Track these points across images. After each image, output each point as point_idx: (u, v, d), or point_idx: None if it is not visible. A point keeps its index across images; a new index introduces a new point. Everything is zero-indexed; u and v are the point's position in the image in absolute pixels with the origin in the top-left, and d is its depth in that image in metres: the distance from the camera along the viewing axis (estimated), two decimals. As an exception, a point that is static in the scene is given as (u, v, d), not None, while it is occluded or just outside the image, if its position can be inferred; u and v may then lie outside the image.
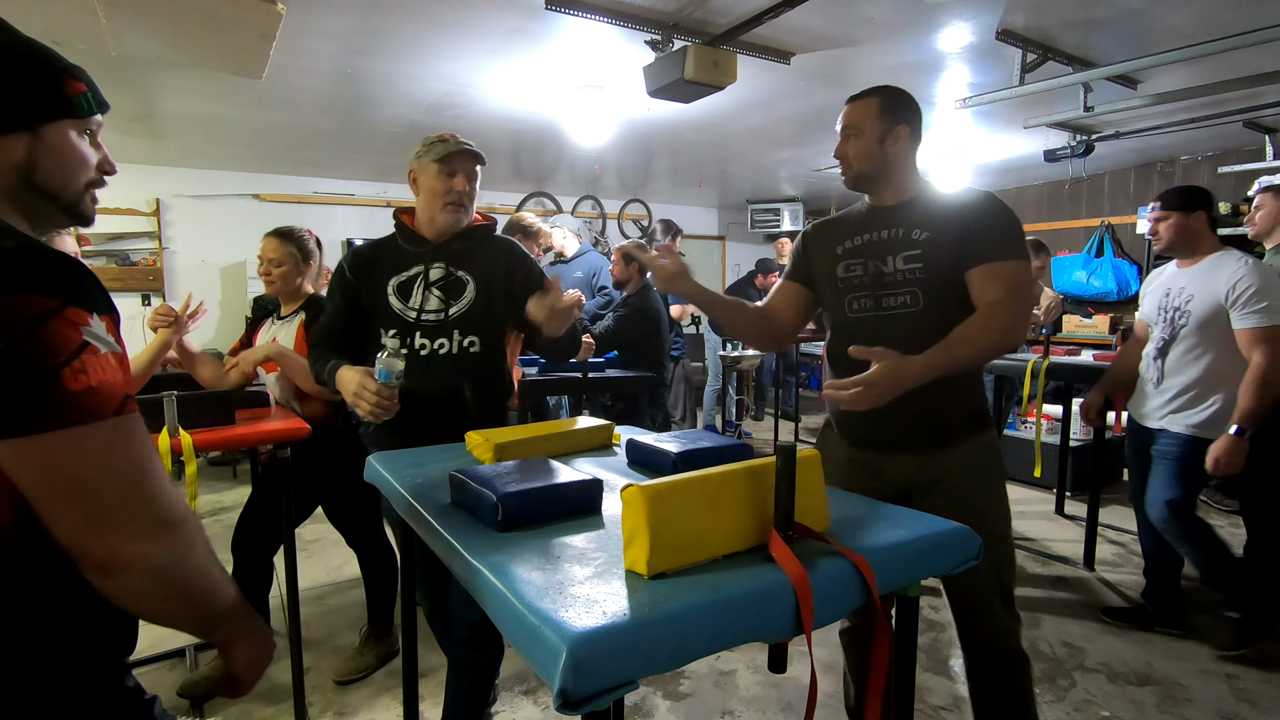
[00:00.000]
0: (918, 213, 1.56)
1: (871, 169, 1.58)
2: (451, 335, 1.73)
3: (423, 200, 1.76)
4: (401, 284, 1.75)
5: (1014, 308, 1.44)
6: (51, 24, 2.46)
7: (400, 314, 1.73)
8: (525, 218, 3.28)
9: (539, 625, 0.73)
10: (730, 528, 0.90)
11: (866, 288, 1.59)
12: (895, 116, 1.56)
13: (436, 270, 1.76)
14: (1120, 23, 2.87)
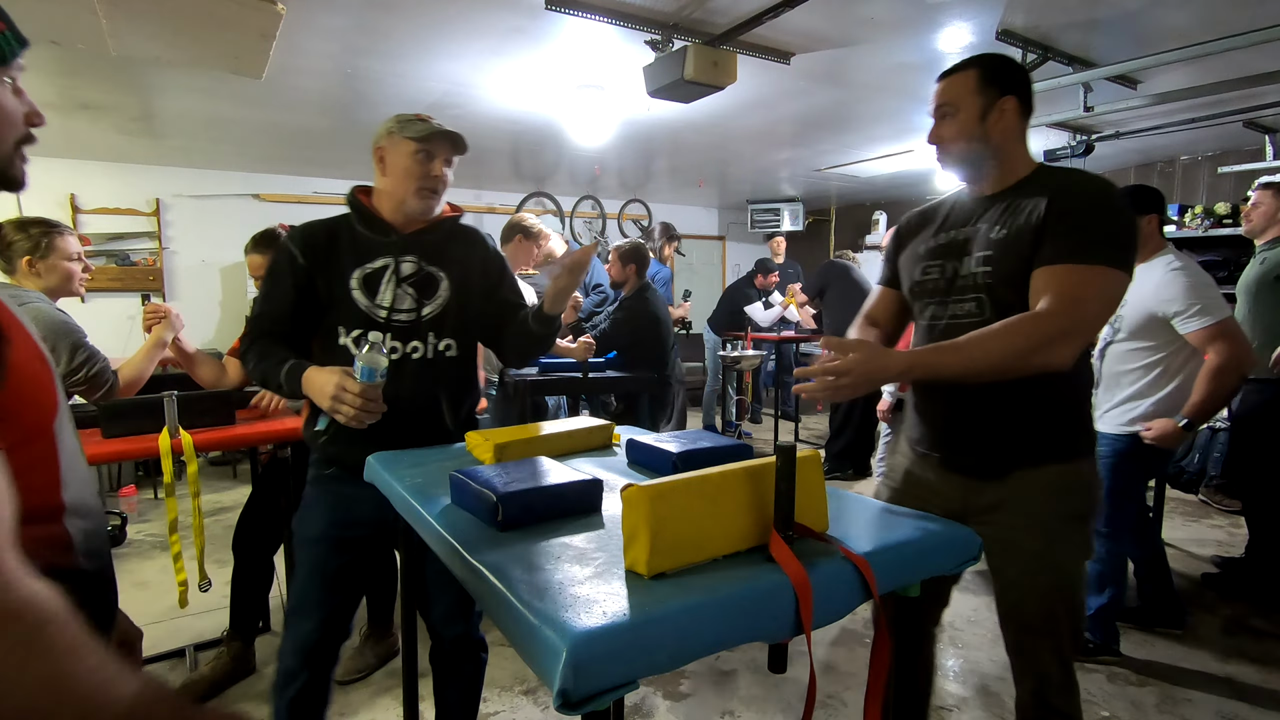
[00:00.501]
0: (1010, 203, 1.34)
1: (973, 151, 1.36)
2: (426, 338, 1.54)
3: (390, 182, 1.54)
4: (368, 276, 1.52)
5: (1055, 322, 1.18)
6: (51, 23, 2.46)
7: (367, 311, 1.51)
8: (525, 219, 3.28)
9: (539, 625, 0.73)
10: (730, 528, 0.89)
11: (940, 293, 1.41)
12: (1000, 87, 1.34)
13: (408, 264, 1.55)
14: (1120, 23, 2.87)
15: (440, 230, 1.61)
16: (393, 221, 1.56)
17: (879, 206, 7.64)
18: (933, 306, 1.42)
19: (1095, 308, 1.21)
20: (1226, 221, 5.00)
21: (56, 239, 2.09)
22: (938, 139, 1.40)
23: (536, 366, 3.29)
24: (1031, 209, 1.28)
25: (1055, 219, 1.25)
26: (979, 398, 1.34)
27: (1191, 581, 3.10)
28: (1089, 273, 1.20)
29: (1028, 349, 1.19)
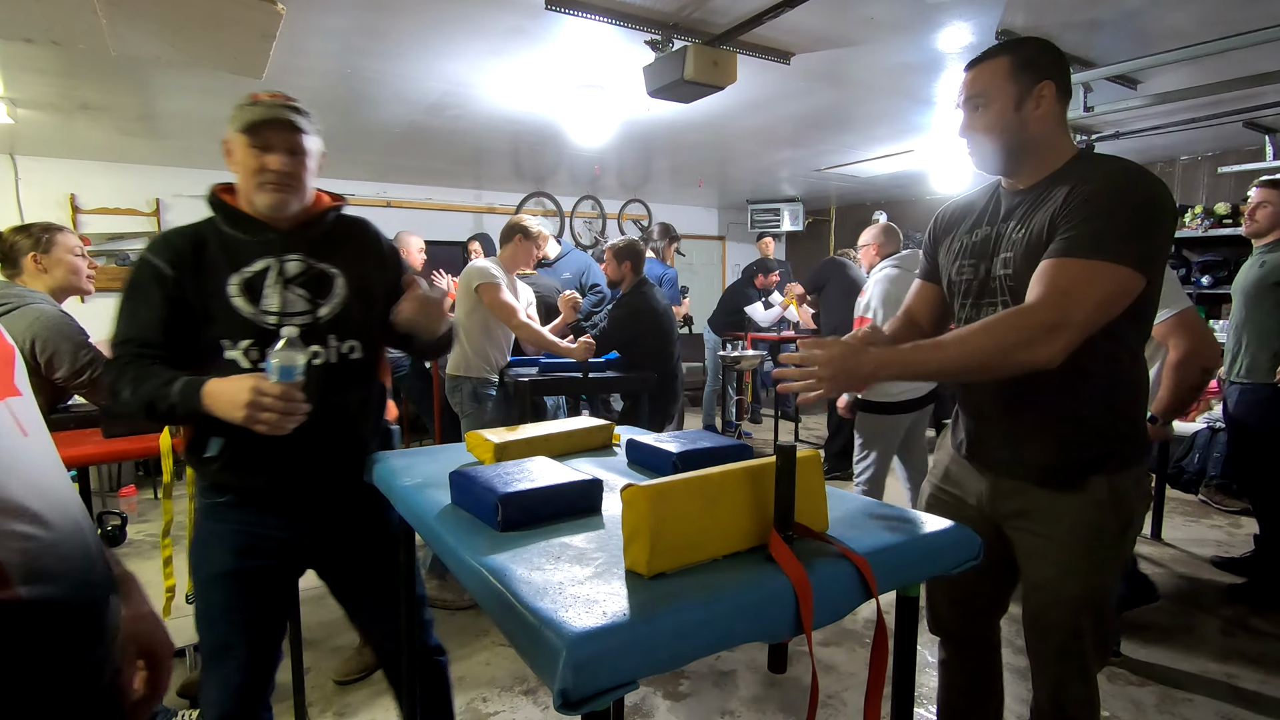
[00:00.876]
0: (1038, 198, 1.26)
1: (1009, 143, 1.26)
2: (326, 341, 1.39)
3: (239, 179, 1.38)
4: (248, 281, 1.36)
5: (1039, 316, 1.12)
6: (51, 23, 2.46)
7: (254, 319, 1.34)
8: (525, 219, 3.27)
9: (539, 625, 0.73)
10: (730, 528, 0.89)
11: (972, 294, 1.35)
12: (1035, 72, 1.24)
13: (293, 263, 1.39)
14: (1120, 23, 2.87)
15: (324, 224, 1.46)
16: (265, 219, 1.39)
17: (879, 206, 7.64)
18: (966, 308, 1.37)
19: (1086, 304, 1.11)
20: (1226, 221, 5.01)
21: (57, 234, 2.12)
22: (969, 131, 1.31)
23: (536, 366, 3.29)
24: (1051, 204, 1.21)
25: (1064, 212, 1.18)
26: (1014, 403, 1.30)
27: (1192, 581, 3.10)
28: (1084, 267, 1.13)
29: (1008, 345, 1.12)
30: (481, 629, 2.65)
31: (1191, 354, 2.03)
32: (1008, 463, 1.35)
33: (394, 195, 6.38)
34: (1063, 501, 1.28)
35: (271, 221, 1.39)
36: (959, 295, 1.39)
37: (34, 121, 4.09)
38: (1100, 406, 1.26)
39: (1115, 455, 1.27)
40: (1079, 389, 1.24)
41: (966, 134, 1.32)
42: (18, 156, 4.99)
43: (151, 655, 0.81)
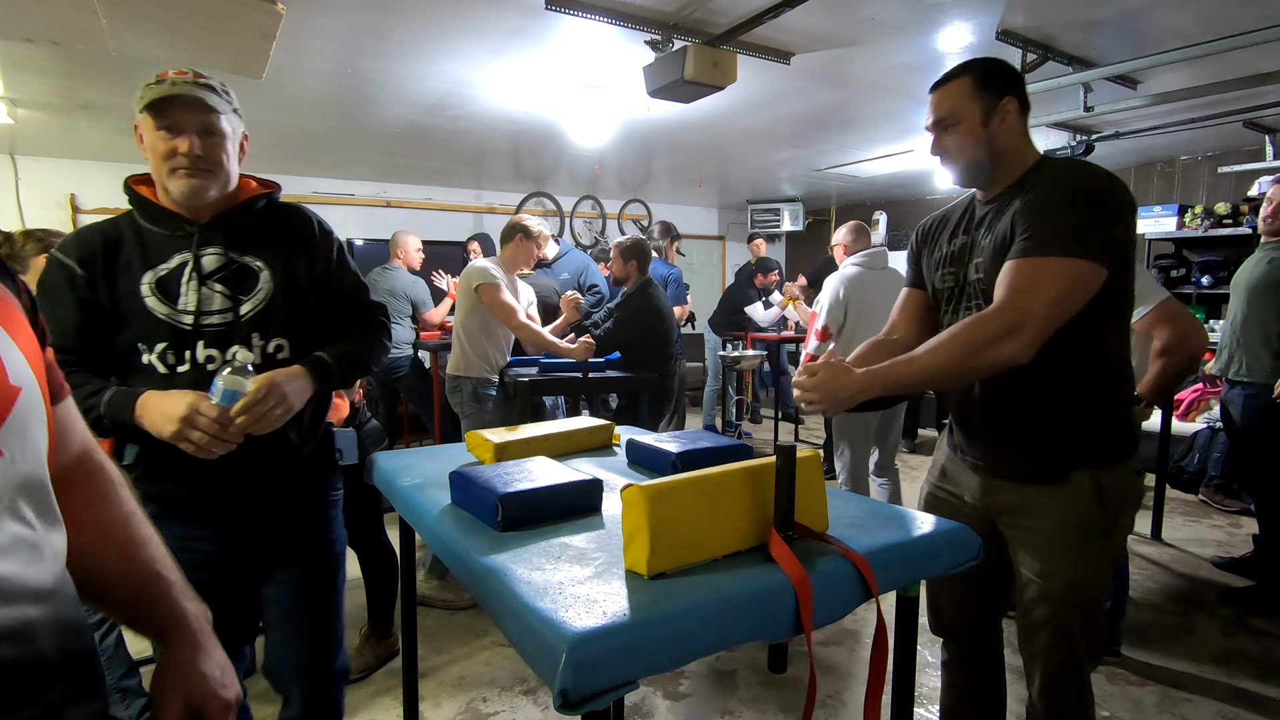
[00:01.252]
0: (1005, 204, 1.33)
1: (981, 158, 1.34)
2: (250, 341, 1.28)
3: (151, 165, 1.27)
4: (162, 280, 1.26)
5: (1000, 318, 1.18)
6: (51, 24, 2.46)
7: (170, 320, 1.24)
8: (526, 219, 3.27)
9: (539, 625, 0.73)
10: (730, 528, 0.89)
11: (955, 300, 1.42)
12: (997, 89, 1.32)
13: (212, 257, 1.28)
14: (1120, 23, 2.87)
15: (251, 213, 1.34)
16: (182, 211, 1.29)
17: (879, 206, 7.64)
18: (949, 313, 1.43)
19: (1042, 300, 1.17)
20: (1226, 221, 5.01)
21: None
22: (942, 151, 1.38)
23: (536, 366, 3.29)
24: (1013, 210, 1.28)
25: (1020, 216, 1.25)
26: (994, 401, 1.34)
27: (1192, 581, 3.10)
28: (1037, 265, 1.19)
29: (975, 348, 1.18)
30: (481, 629, 2.65)
31: (1178, 340, 2.04)
32: (994, 460, 1.38)
33: (394, 195, 6.37)
34: (1047, 496, 1.31)
35: (189, 213, 1.28)
36: (944, 302, 1.45)
37: (34, 121, 4.09)
38: (1080, 401, 1.29)
39: (1098, 449, 1.29)
40: (1057, 385, 1.28)
41: (940, 153, 1.39)
42: (18, 156, 4.99)
43: (200, 713, 0.70)
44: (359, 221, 6.19)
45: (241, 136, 1.33)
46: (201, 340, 1.26)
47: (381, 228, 6.23)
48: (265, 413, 1.18)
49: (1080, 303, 1.19)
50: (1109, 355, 1.32)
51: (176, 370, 1.24)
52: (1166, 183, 5.75)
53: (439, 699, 2.21)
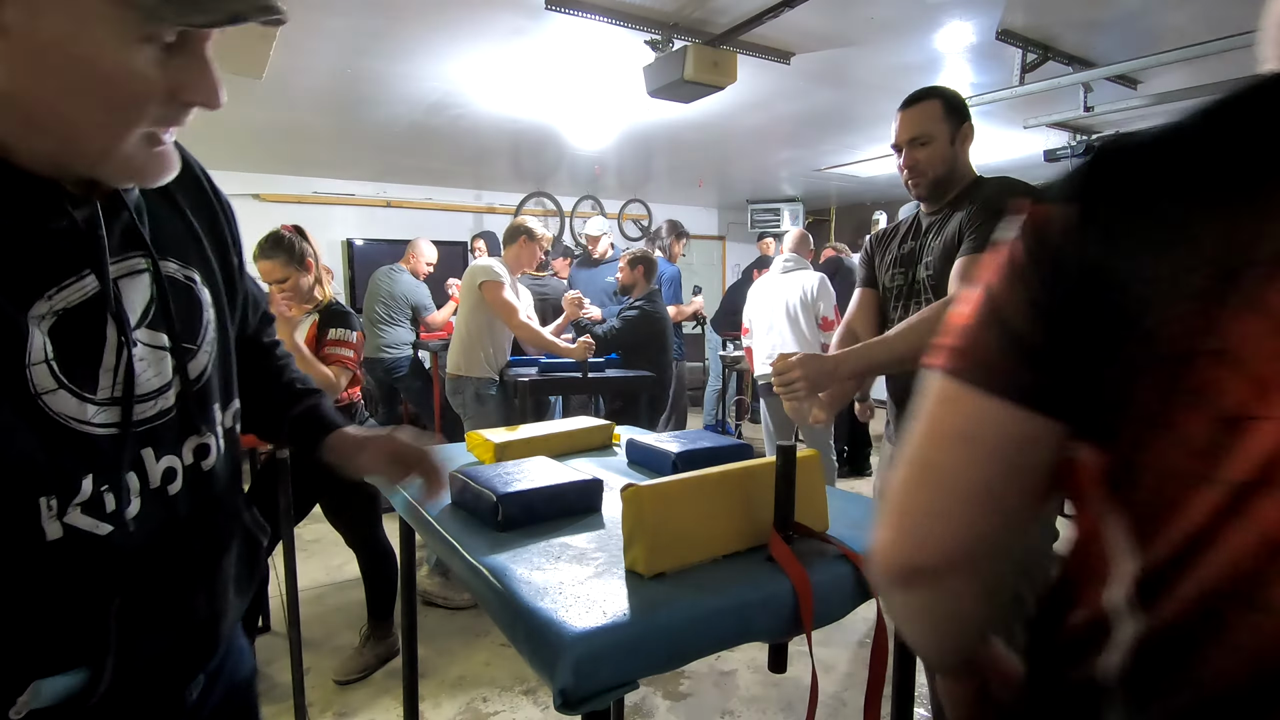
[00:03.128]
0: (949, 215, 1.53)
1: (946, 173, 1.53)
2: (211, 421, 0.70)
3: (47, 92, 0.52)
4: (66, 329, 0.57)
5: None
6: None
7: (92, 427, 0.59)
8: (529, 221, 3.27)
9: (539, 625, 0.73)
10: (730, 528, 0.89)
11: (904, 296, 1.59)
12: (960, 115, 1.53)
13: (135, 274, 0.64)
14: (1120, 23, 2.87)
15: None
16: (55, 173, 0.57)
17: (879, 206, 7.64)
18: (900, 308, 1.60)
19: None
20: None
21: None
22: (913, 164, 1.52)
23: (536, 366, 3.29)
24: (960, 218, 1.47)
25: (968, 220, 1.43)
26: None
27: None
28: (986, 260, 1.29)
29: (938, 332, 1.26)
30: (481, 629, 2.65)
31: None
32: None
33: (394, 195, 6.37)
34: None
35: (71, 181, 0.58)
36: (893, 298, 1.63)
37: (34, 121, 4.09)
38: None
39: None
40: None
41: (910, 166, 1.53)
42: (18, 156, 4.99)
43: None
44: (359, 221, 6.18)
45: None
46: (150, 444, 0.64)
47: (381, 228, 6.22)
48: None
49: None
50: None
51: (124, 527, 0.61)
52: (1166, 183, 5.75)
53: (439, 699, 2.21)
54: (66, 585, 0.58)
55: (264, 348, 0.94)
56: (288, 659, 2.07)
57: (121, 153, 0.55)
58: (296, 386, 0.94)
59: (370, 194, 6.27)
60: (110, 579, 0.60)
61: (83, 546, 0.58)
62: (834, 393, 1.54)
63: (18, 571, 0.55)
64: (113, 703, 0.61)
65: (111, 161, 0.56)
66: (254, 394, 0.86)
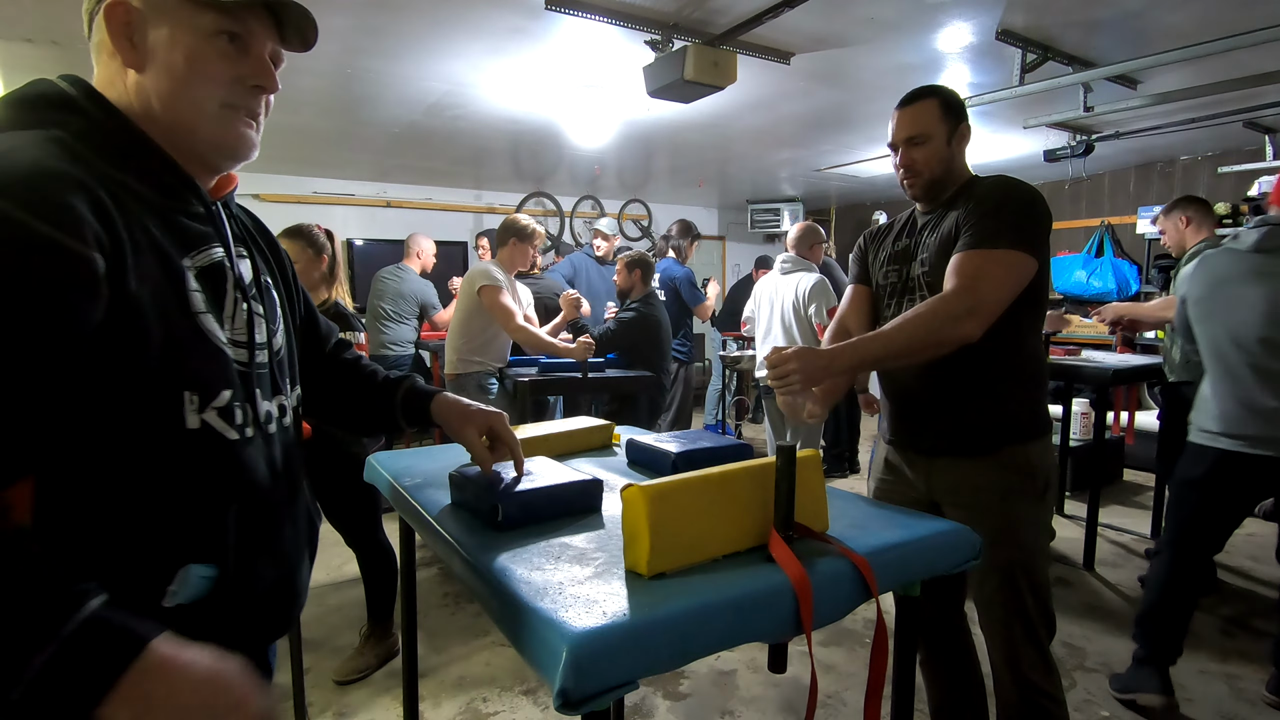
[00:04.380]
0: (944, 211, 1.52)
1: (942, 173, 1.51)
2: (284, 392, 0.87)
3: (163, 84, 0.73)
4: (206, 274, 0.77)
5: (958, 300, 1.32)
6: (51, 24, 2.46)
7: (228, 350, 0.77)
8: (519, 219, 3.26)
9: (539, 625, 0.73)
10: (730, 528, 0.89)
11: (898, 292, 1.58)
12: (957, 115, 1.51)
13: (241, 258, 0.84)
14: (1120, 23, 2.87)
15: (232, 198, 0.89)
16: (198, 175, 0.79)
17: (879, 206, 7.64)
18: (893, 306, 1.59)
19: (992, 284, 1.34)
20: (1227, 221, 5.00)
21: None
22: (910, 164, 1.50)
23: (536, 366, 3.29)
24: (954, 215, 1.46)
25: (965, 217, 1.42)
26: (932, 382, 1.47)
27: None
28: (985, 255, 1.36)
29: (936, 326, 1.32)
30: (481, 629, 2.65)
31: None
32: (930, 438, 1.52)
33: (394, 195, 6.37)
34: (981, 469, 1.46)
35: (196, 172, 0.79)
36: (886, 295, 1.62)
37: (34, 121, 4.09)
38: (1007, 382, 1.47)
39: (1023, 425, 1.48)
40: (988, 366, 1.44)
41: (907, 165, 1.51)
42: (18, 156, 4.99)
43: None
44: (359, 221, 6.19)
45: None
46: (260, 387, 0.81)
47: (381, 228, 6.22)
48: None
49: (1019, 289, 1.37)
50: (1028, 344, 1.50)
51: (245, 436, 0.77)
52: (1166, 183, 5.75)
53: (439, 699, 2.21)
54: (198, 478, 0.72)
55: (350, 362, 1.12)
56: (287, 659, 2.07)
57: (213, 126, 0.76)
58: (392, 378, 1.11)
59: (370, 194, 6.27)
60: (230, 484, 0.75)
61: (213, 444, 0.73)
62: (828, 387, 1.52)
63: (162, 451, 0.70)
64: (230, 619, 0.74)
65: (209, 134, 0.76)
66: (358, 398, 1.09)
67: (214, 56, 0.74)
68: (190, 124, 0.75)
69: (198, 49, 0.73)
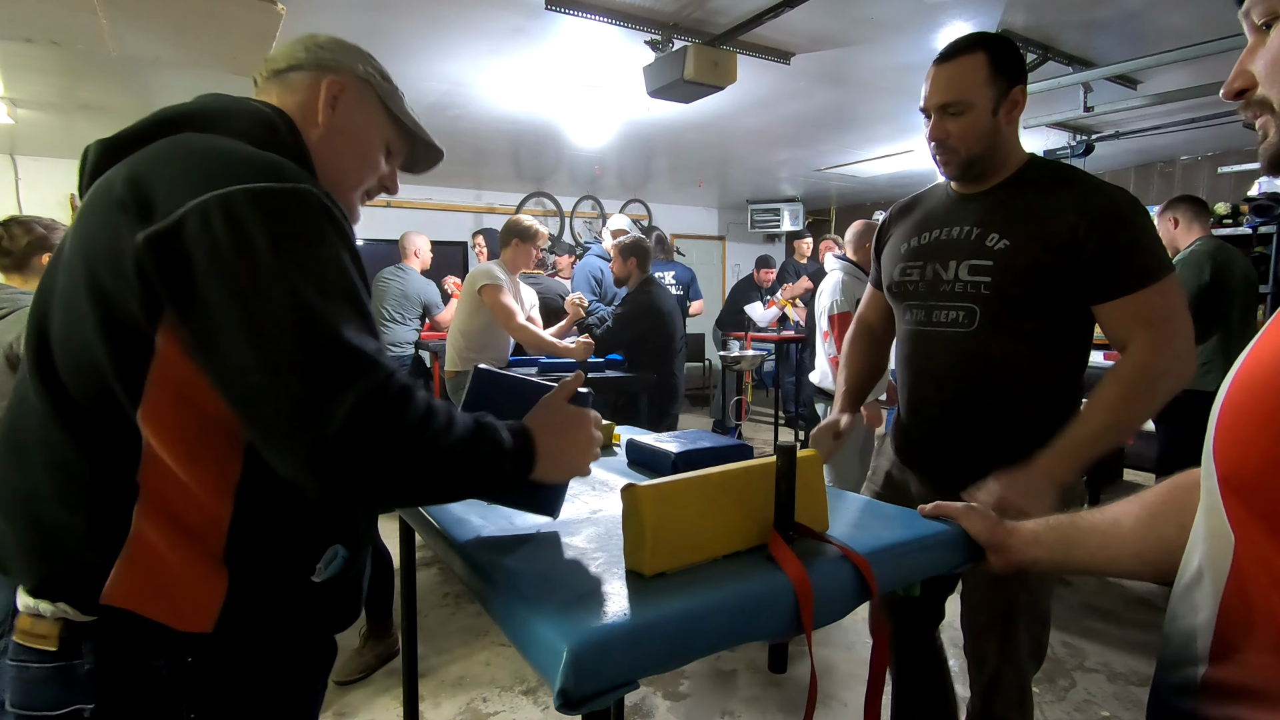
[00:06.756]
0: (1006, 207, 1.25)
1: (984, 150, 1.23)
2: None
3: (336, 143, 0.90)
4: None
5: (1172, 350, 1.15)
6: (51, 24, 2.46)
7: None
8: (521, 220, 3.25)
9: (539, 625, 0.73)
10: (731, 528, 0.89)
11: (920, 296, 1.34)
12: (1011, 75, 1.21)
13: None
14: (1120, 23, 2.88)
15: None
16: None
17: (879, 206, 7.64)
18: (914, 310, 1.36)
19: (1184, 321, 1.18)
20: (1226, 222, 5.00)
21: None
22: (943, 137, 1.23)
23: (536, 366, 3.29)
24: (1043, 222, 1.20)
25: (1095, 243, 1.16)
26: (955, 406, 1.30)
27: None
28: (1158, 292, 1.16)
29: (1165, 389, 1.16)
30: (482, 629, 2.65)
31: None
32: (947, 463, 1.34)
33: (394, 195, 6.37)
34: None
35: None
36: (905, 298, 1.37)
37: (34, 121, 4.09)
38: (1036, 404, 1.26)
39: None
40: (1018, 389, 1.25)
41: (940, 139, 1.25)
42: (18, 156, 4.99)
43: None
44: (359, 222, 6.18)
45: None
46: None
47: (381, 228, 6.22)
48: None
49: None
50: (1070, 361, 1.30)
51: None
52: (1166, 183, 5.75)
53: (439, 699, 2.21)
54: None
55: None
56: (288, 659, 2.07)
57: (353, 199, 0.95)
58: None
59: (370, 194, 6.27)
60: None
61: None
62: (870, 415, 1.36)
63: None
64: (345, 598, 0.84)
65: (350, 203, 0.95)
66: None
67: (376, 158, 0.95)
68: (334, 187, 0.88)
69: (371, 146, 0.94)
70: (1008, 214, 1.24)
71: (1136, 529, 0.81)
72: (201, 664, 0.71)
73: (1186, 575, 0.54)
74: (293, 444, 0.63)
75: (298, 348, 0.63)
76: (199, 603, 0.69)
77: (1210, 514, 0.50)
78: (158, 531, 0.67)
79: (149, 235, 0.63)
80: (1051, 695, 2.22)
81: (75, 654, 0.68)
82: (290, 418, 0.62)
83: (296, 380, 0.62)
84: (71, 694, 0.68)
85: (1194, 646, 0.50)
